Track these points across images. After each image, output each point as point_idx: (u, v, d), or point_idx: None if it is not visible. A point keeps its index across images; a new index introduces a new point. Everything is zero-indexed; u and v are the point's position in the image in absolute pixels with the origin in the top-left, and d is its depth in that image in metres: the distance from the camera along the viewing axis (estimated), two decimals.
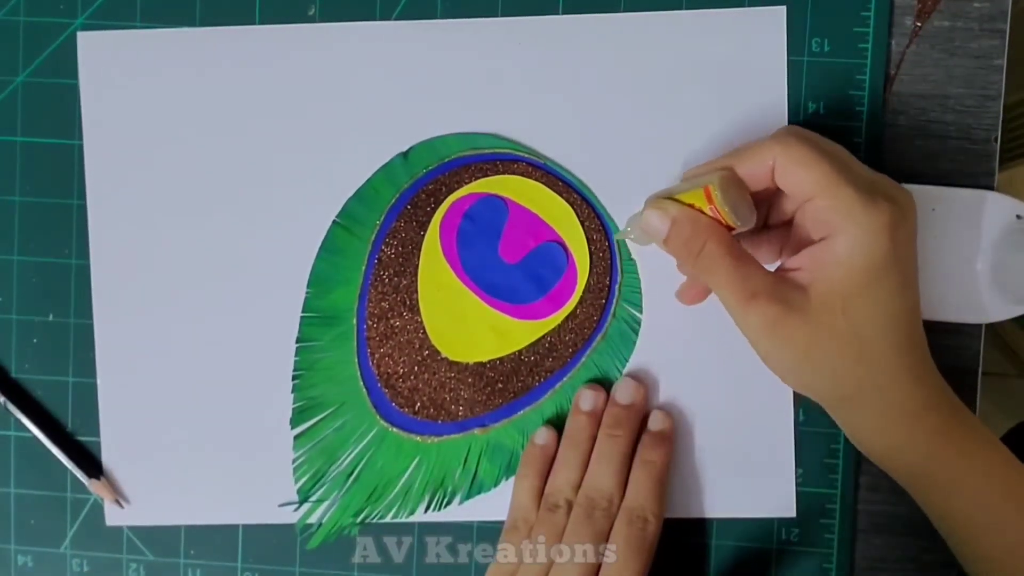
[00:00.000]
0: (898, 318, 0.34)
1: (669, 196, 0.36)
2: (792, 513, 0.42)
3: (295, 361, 0.43)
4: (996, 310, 0.40)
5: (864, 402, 0.35)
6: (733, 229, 0.35)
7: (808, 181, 0.33)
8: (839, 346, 0.34)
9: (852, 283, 0.33)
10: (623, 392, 0.41)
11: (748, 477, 0.42)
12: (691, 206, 0.35)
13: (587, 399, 0.41)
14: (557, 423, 0.42)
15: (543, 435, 0.41)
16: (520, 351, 0.42)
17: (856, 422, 0.36)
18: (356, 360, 0.43)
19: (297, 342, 0.43)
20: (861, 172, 0.34)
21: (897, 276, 0.33)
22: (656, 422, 0.41)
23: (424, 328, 0.43)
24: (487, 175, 0.42)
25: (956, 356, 0.41)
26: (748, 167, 0.35)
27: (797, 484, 0.42)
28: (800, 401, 0.42)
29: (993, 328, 0.42)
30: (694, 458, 0.42)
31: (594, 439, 0.40)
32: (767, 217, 0.38)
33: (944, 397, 0.36)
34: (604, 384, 0.42)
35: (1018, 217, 0.40)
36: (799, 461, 0.42)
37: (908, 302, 0.34)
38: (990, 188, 0.41)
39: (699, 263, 0.35)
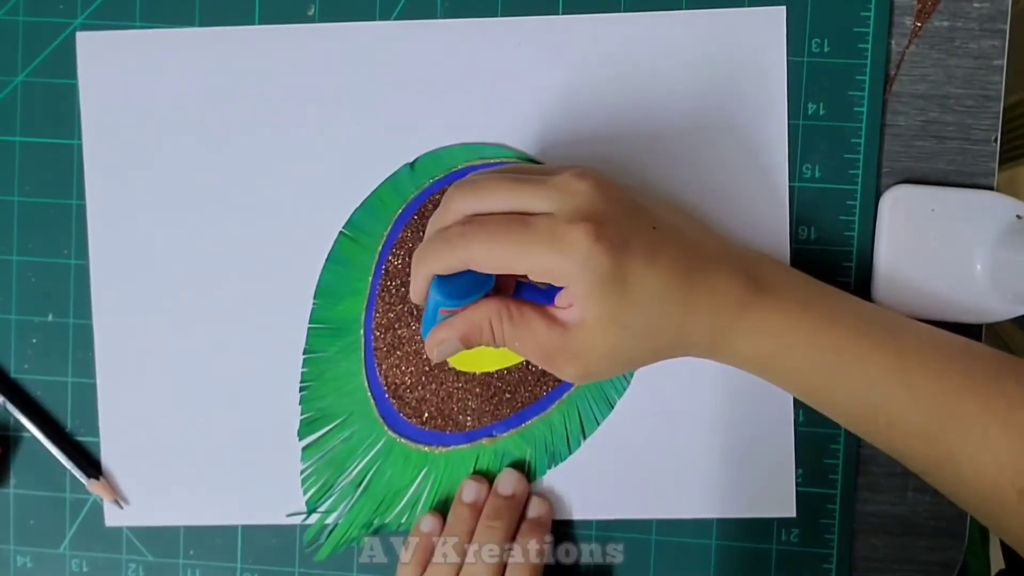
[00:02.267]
0: (668, 292, 0.33)
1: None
2: (792, 513, 0.42)
3: (303, 372, 0.43)
4: (996, 310, 0.40)
5: (697, 338, 0.35)
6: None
7: (499, 264, 0.33)
8: (623, 334, 0.34)
9: (609, 304, 0.33)
10: (505, 483, 0.42)
11: (748, 477, 0.42)
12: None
13: (470, 491, 0.42)
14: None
15: (428, 522, 0.42)
16: (527, 361, 0.42)
17: (706, 351, 0.36)
18: (364, 371, 0.43)
19: (304, 353, 0.43)
20: (534, 220, 0.33)
21: (638, 262, 0.33)
22: (533, 508, 0.42)
23: None
24: None
25: None
26: (441, 269, 0.35)
27: (797, 484, 0.42)
28: (800, 401, 0.42)
29: (993, 328, 0.42)
30: (694, 458, 0.42)
31: (474, 531, 0.41)
32: None
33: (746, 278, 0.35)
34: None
35: (1018, 217, 0.40)
36: (799, 461, 0.42)
37: (666, 267, 0.33)
38: (990, 188, 0.41)
39: (507, 343, 0.35)
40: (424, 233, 0.42)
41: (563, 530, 0.43)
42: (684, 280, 0.33)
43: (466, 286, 0.34)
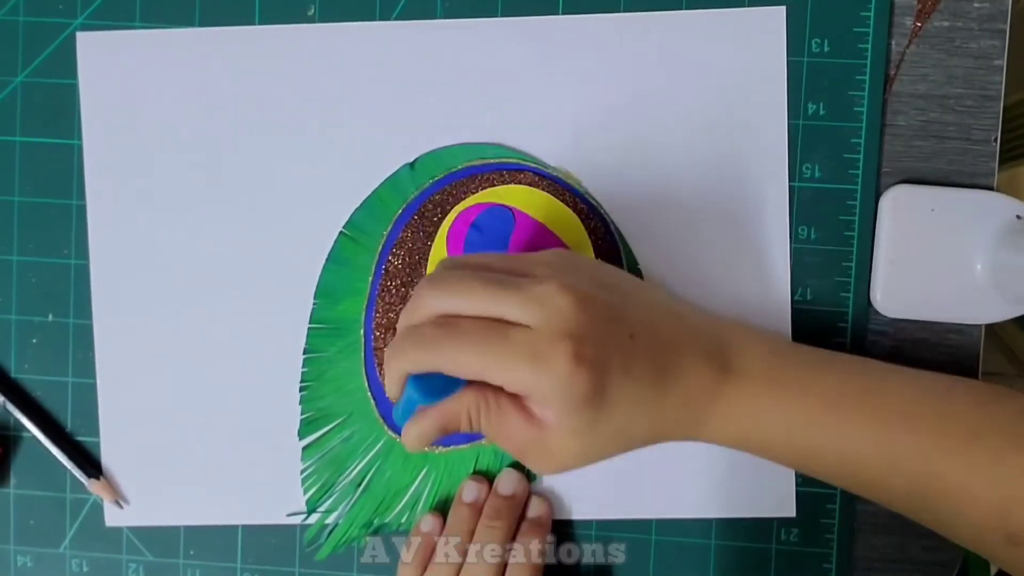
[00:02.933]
0: (644, 390, 0.33)
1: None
2: (792, 513, 0.42)
3: (303, 372, 0.43)
4: (996, 310, 0.40)
5: (672, 426, 0.34)
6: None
7: (476, 375, 0.32)
8: (597, 435, 0.33)
9: (584, 416, 0.32)
10: (505, 483, 0.42)
11: (748, 477, 0.42)
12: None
13: (470, 491, 0.42)
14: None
15: (428, 522, 0.42)
16: None
17: (692, 435, 0.35)
18: (364, 371, 0.43)
19: (304, 353, 0.43)
20: (511, 333, 0.32)
21: (616, 373, 0.32)
22: (533, 508, 0.42)
23: None
24: (493, 185, 0.42)
25: (956, 356, 0.41)
26: (411, 370, 0.33)
27: (797, 484, 0.42)
28: None
29: (993, 328, 0.42)
30: (694, 458, 0.42)
31: (474, 531, 0.40)
32: None
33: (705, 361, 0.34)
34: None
35: (1018, 217, 0.40)
36: None
37: (643, 368, 0.33)
38: (990, 188, 0.41)
39: (486, 434, 0.34)
40: (424, 233, 0.42)
41: (565, 530, 0.43)
42: (657, 381, 0.33)
43: (441, 385, 0.33)
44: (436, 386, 0.33)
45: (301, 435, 0.43)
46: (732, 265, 0.42)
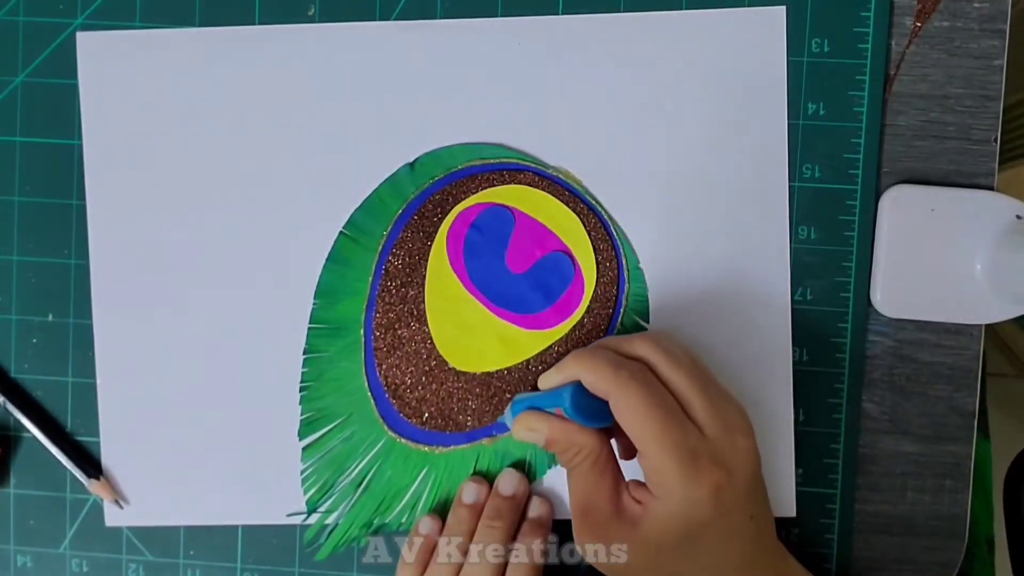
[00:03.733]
0: (719, 568, 0.34)
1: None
2: (792, 513, 0.42)
3: (303, 372, 0.43)
4: (996, 310, 0.40)
5: None
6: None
7: (635, 434, 0.33)
8: None
9: (668, 539, 0.34)
10: (505, 483, 0.42)
11: None
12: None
13: (469, 492, 0.42)
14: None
15: (427, 524, 0.42)
16: (527, 361, 0.42)
17: None
18: (364, 371, 0.43)
19: (304, 353, 0.43)
20: (690, 430, 0.33)
21: (720, 533, 0.33)
22: (534, 509, 0.42)
23: (431, 338, 0.43)
24: (493, 185, 0.42)
25: (956, 356, 0.41)
26: (592, 386, 0.35)
27: (797, 484, 0.42)
28: (800, 401, 0.42)
29: (993, 328, 0.42)
30: None
31: (474, 532, 0.41)
32: None
33: None
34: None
35: (1018, 217, 0.40)
36: (799, 461, 0.42)
37: (733, 553, 0.34)
38: (990, 188, 0.41)
39: (570, 470, 0.36)
40: (424, 233, 0.42)
41: (566, 530, 0.43)
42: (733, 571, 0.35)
43: (597, 413, 0.35)
44: (592, 412, 0.35)
45: (301, 435, 0.43)
46: (732, 265, 0.42)
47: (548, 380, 0.37)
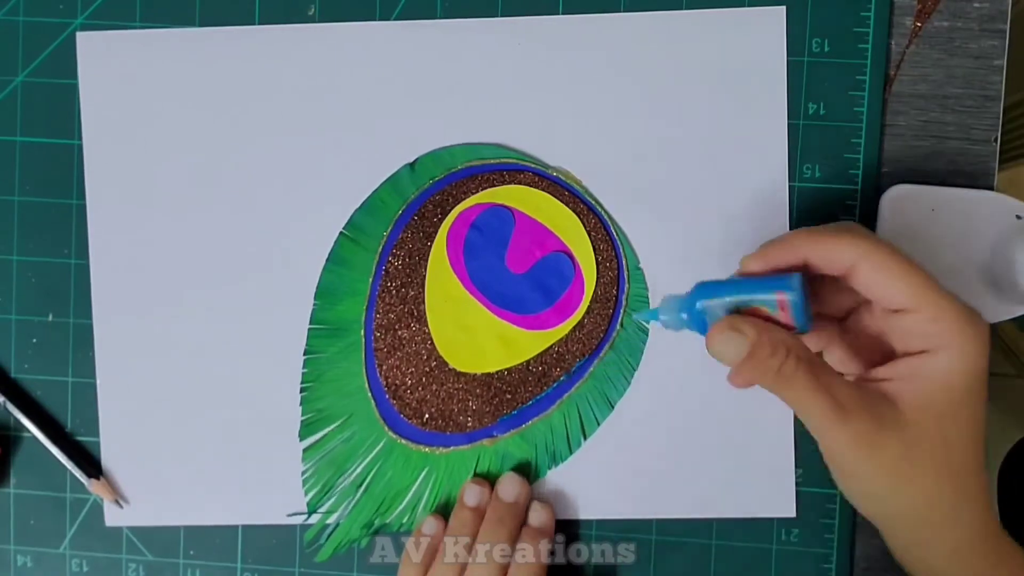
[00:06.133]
0: (980, 438, 0.32)
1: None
2: (792, 513, 0.42)
3: (303, 373, 0.43)
4: (996, 310, 0.40)
5: (951, 524, 0.33)
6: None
7: (904, 293, 0.31)
8: (934, 466, 0.32)
9: (950, 400, 0.31)
10: (507, 488, 0.41)
11: (748, 477, 0.42)
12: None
13: (472, 495, 0.41)
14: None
15: (430, 525, 0.42)
16: (528, 361, 0.42)
17: (936, 547, 0.34)
18: (364, 371, 0.43)
19: (305, 354, 0.43)
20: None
21: (983, 395, 0.32)
22: (535, 514, 0.41)
23: (431, 339, 0.43)
24: (493, 185, 0.42)
25: None
26: (818, 267, 0.33)
27: (797, 484, 0.42)
28: None
29: (993, 328, 0.42)
30: (694, 458, 0.42)
31: (476, 534, 0.40)
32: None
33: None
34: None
35: (1018, 217, 0.40)
36: (799, 461, 0.42)
37: (985, 422, 0.32)
38: (990, 188, 0.41)
39: (778, 380, 0.32)
40: (424, 233, 0.42)
41: (572, 530, 0.43)
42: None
43: (807, 314, 0.32)
44: (802, 303, 0.32)
45: (301, 436, 0.43)
46: (732, 265, 0.41)
47: (756, 261, 0.33)
